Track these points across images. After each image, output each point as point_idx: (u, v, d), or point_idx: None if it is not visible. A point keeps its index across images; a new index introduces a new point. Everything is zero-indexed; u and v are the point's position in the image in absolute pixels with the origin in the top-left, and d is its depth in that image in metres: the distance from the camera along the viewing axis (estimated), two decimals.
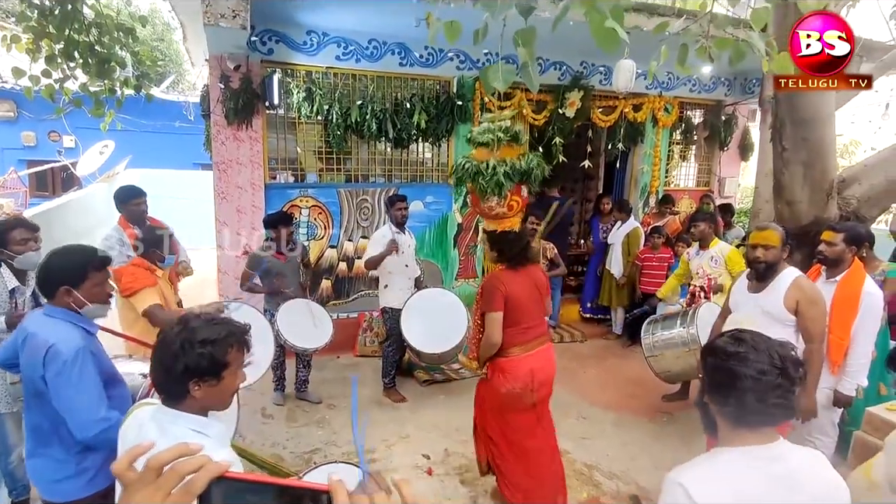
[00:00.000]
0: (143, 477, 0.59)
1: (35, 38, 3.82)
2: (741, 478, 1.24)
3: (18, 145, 10.37)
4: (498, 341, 2.79)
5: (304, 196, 5.23)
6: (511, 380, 2.82)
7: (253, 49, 4.67)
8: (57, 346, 1.77)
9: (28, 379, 1.85)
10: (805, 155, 3.71)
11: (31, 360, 1.80)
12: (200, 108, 5.90)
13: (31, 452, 1.94)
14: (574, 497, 3.28)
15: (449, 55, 5.32)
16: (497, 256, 2.94)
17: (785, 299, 2.71)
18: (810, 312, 2.65)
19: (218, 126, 4.81)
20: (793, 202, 3.88)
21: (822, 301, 2.69)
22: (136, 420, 1.42)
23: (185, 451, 0.62)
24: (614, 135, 6.18)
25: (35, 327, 1.85)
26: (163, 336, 1.39)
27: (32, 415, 1.92)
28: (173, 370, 1.33)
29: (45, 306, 1.94)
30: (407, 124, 5.26)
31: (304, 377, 4.42)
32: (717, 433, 1.35)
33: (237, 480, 0.59)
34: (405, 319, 4.08)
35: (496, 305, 2.78)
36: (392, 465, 3.53)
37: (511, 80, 1.67)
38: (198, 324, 1.38)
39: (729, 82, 6.71)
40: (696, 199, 6.94)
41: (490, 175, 3.00)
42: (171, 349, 1.33)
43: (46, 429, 1.88)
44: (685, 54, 2.05)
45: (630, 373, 5.13)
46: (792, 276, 2.73)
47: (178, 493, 0.57)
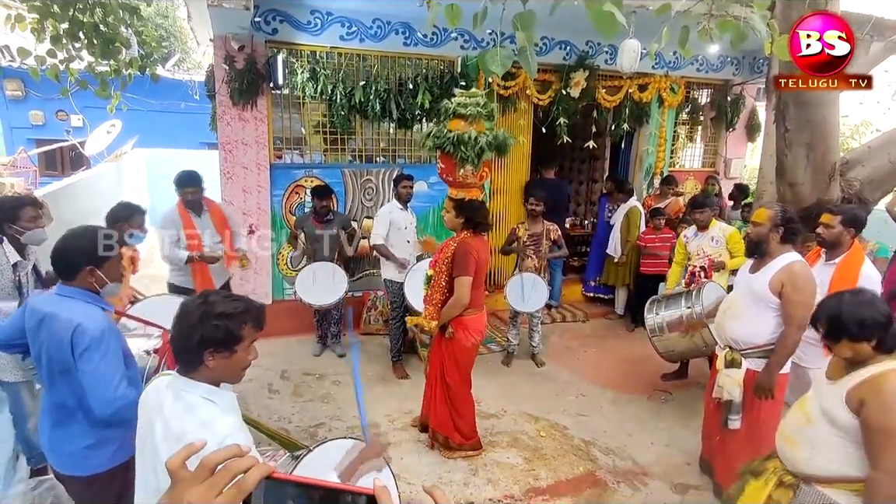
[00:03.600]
0: (196, 475, 0.62)
1: (40, 17, 3.84)
2: None
3: (27, 124, 10.42)
4: (467, 302, 3.18)
5: (308, 176, 5.27)
6: (475, 334, 3.31)
7: (257, 29, 4.67)
8: (84, 325, 1.81)
9: (52, 359, 1.88)
10: (808, 136, 3.70)
11: (56, 339, 1.83)
12: (206, 89, 5.92)
13: (54, 427, 1.98)
14: (571, 471, 3.38)
15: (453, 35, 5.29)
16: (463, 223, 3.24)
17: (771, 281, 2.75)
18: (793, 297, 2.68)
19: (223, 106, 4.84)
20: (795, 184, 3.88)
21: (810, 290, 2.68)
22: (155, 388, 1.51)
23: (237, 451, 0.65)
24: (620, 115, 6.15)
25: (53, 308, 1.88)
26: (185, 307, 1.47)
27: (56, 392, 1.95)
28: (191, 340, 1.41)
29: (58, 286, 1.96)
30: (411, 104, 5.26)
31: (335, 331, 4.97)
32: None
33: (283, 481, 0.61)
34: (409, 289, 4.24)
35: (469, 270, 3.13)
36: (395, 439, 3.64)
37: (509, 64, 1.70)
38: (217, 298, 1.47)
39: (737, 62, 6.63)
40: (701, 181, 6.91)
41: (473, 144, 3.18)
42: (190, 320, 1.42)
43: (71, 405, 1.92)
44: (686, 36, 2.06)
45: (629, 352, 5.20)
46: (787, 261, 2.75)
47: (229, 492, 0.60)
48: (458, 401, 3.39)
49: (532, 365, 4.92)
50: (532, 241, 4.79)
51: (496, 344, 5.31)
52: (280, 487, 0.60)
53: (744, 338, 2.89)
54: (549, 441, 3.69)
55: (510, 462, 3.45)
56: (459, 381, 3.39)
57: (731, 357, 2.92)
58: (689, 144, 7.20)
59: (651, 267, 5.45)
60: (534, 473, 3.35)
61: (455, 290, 3.20)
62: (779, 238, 2.79)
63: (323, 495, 0.60)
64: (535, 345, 4.95)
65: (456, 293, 3.19)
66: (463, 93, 3.42)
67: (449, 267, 3.24)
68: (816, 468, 1.91)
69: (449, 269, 3.24)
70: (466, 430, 3.44)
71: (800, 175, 3.84)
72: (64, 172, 10.25)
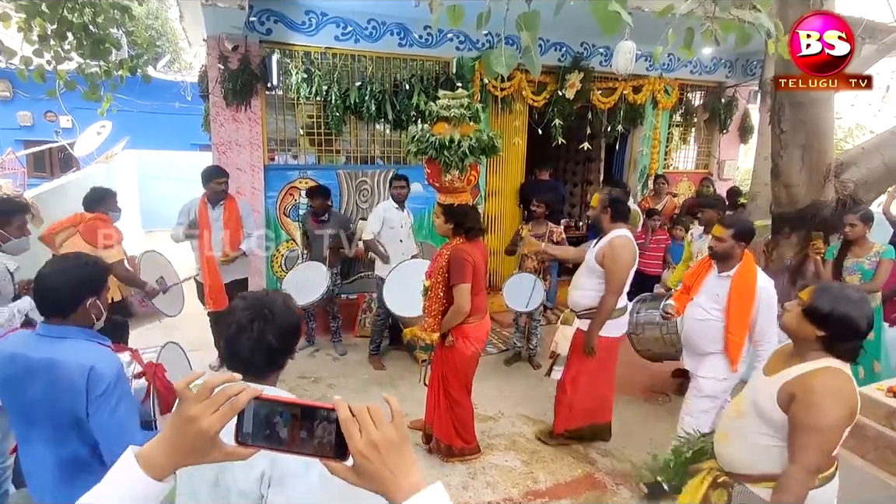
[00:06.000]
0: (198, 395, 0.75)
1: (27, 16, 3.75)
2: None
3: (15, 125, 10.28)
4: (467, 310, 3.09)
5: (303, 178, 5.23)
6: (476, 342, 3.24)
7: (251, 29, 4.63)
8: (98, 368, 1.63)
9: (57, 411, 1.66)
10: (803, 137, 3.72)
11: (63, 388, 1.62)
12: (199, 89, 5.85)
13: (62, 485, 1.73)
14: (570, 474, 3.37)
15: (448, 36, 5.27)
16: (454, 229, 3.15)
17: (597, 253, 3.26)
18: (610, 265, 3.20)
19: (217, 107, 4.79)
20: (790, 185, 3.90)
21: (625, 259, 3.18)
22: None
23: (230, 378, 0.77)
24: (614, 117, 6.16)
25: (47, 353, 1.65)
26: (260, 323, 1.41)
27: (64, 446, 1.70)
28: (270, 349, 1.42)
29: (44, 326, 1.71)
30: (406, 105, 5.24)
31: (333, 328, 5.04)
32: None
33: (268, 401, 0.74)
34: (388, 284, 4.19)
35: (466, 277, 3.04)
36: None
37: (514, 64, 1.68)
38: (280, 305, 1.47)
39: (730, 64, 6.67)
40: (695, 182, 6.94)
41: (456, 148, 3.07)
42: (279, 333, 1.42)
43: (85, 456, 1.72)
44: (691, 38, 2.05)
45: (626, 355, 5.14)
46: (612, 235, 3.23)
47: (224, 409, 0.73)
48: (458, 407, 3.35)
49: (528, 367, 4.91)
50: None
51: (493, 346, 5.29)
52: (266, 406, 0.74)
53: (575, 300, 3.44)
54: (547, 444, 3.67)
55: (508, 465, 3.43)
56: (460, 389, 3.34)
57: (566, 317, 3.48)
58: (682, 146, 7.23)
59: (646, 268, 5.45)
60: (532, 476, 3.33)
61: (455, 299, 3.09)
62: (609, 217, 3.25)
63: (302, 410, 0.74)
64: (532, 347, 4.94)
65: (456, 302, 3.09)
66: (447, 94, 3.29)
67: (445, 276, 3.13)
68: (745, 464, 1.94)
69: (445, 278, 3.13)
70: (467, 436, 3.42)
71: (795, 176, 3.86)
72: (53, 174, 10.11)
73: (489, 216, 6.06)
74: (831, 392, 1.70)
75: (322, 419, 0.73)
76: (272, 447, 0.74)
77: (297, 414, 0.73)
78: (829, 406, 1.68)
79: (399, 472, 0.73)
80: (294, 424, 0.73)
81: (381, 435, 0.73)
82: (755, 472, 1.91)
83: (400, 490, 0.72)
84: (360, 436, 0.72)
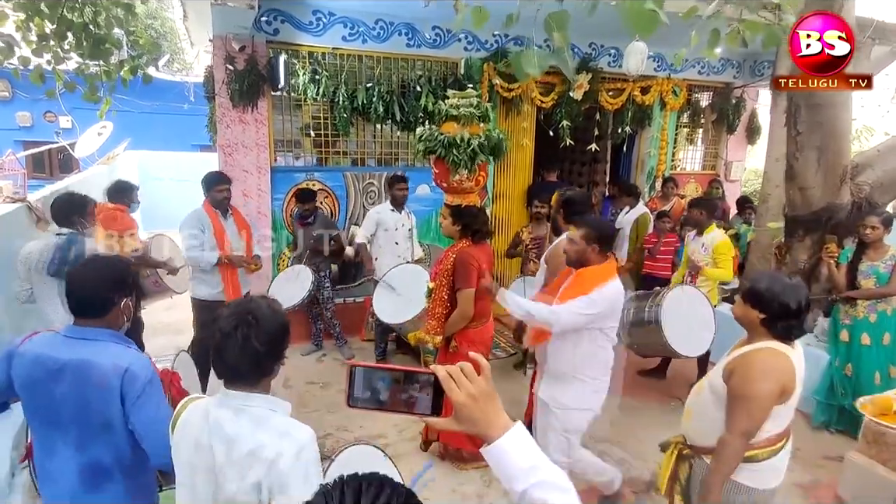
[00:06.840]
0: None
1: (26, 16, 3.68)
2: None
3: (14, 126, 10.22)
4: (470, 315, 3.04)
5: (310, 180, 5.17)
6: (480, 346, 3.14)
7: (258, 29, 4.57)
8: (133, 369, 1.63)
9: (87, 413, 1.64)
10: (819, 139, 3.68)
11: (97, 390, 1.61)
12: (204, 90, 5.79)
13: (86, 493, 1.71)
14: None
15: (457, 36, 5.22)
16: (461, 230, 3.09)
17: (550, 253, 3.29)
18: (551, 262, 3.21)
19: (223, 108, 4.72)
20: (805, 187, 3.86)
21: (561, 259, 2.92)
22: (195, 413, 1.43)
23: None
24: (622, 118, 6.11)
25: (79, 355, 1.63)
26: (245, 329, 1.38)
27: (90, 451, 1.68)
28: (257, 355, 1.39)
29: (72, 328, 1.69)
30: (414, 106, 5.18)
31: (336, 333, 4.96)
32: None
33: (374, 368, 0.88)
34: (377, 294, 4.03)
35: (471, 282, 2.97)
36: (404, 450, 3.55)
37: (546, 66, 1.63)
38: (266, 308, 1.45)
39: (738, 65, 6.63)
40: (702, 183, 6.91)
41: (465, 147, 3.04)
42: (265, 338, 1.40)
43: (108, 463, 1.70)
44: (716, 40, 2.01)
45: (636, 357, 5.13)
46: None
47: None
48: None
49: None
50: (535, 245, 4.72)
51: (501, 350, 5.24)
52: (370, 373, 0.88)
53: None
54: None
55: None
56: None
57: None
58: (689, 147, 7.19)
59: (656, 270, 5.39)
60: None
61: (459, 303, 3.04)
62: (562, 218, 3.23)
63: (403, 375, 0.88)
64: None
65: (459, 307, 3.04)
66: (456, 94, 3.27)
67: (450, 279, 3.08)
68: (702, 437, 2.09)
69: (450, 281, 3.08)
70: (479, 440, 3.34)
71: (810, 178, 3.82)
72: (53, 175, 10.05)
73: (497, 218, 6.01)
74: (763, 367, 1.87)
75: (421, 383, 0.88)
76: (379, 408, 0.87)
77: (399, 378, 0.87)
78: (758, 378, 1.85)
79: (493, 414, 0.89)
80: (395, 389, 0.87)
81: (475, 387, 0.88)
82: (711, 444, 2.03)
83: (496, 429, 0.89)
84: (459, 389, 0.87)
